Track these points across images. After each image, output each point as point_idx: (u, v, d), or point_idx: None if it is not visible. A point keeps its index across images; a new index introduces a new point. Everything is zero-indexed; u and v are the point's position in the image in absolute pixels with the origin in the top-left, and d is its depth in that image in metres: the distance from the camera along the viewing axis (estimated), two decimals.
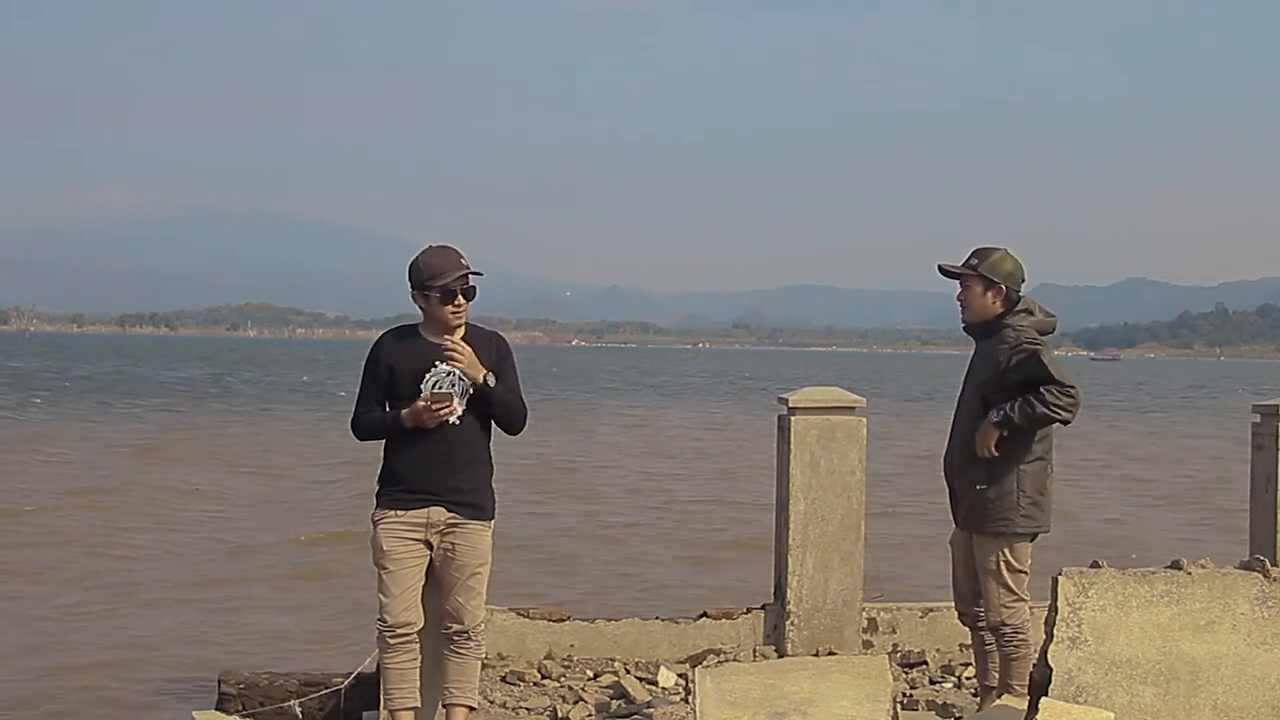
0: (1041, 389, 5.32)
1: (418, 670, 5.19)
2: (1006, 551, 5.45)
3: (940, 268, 5.68)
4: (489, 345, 5.23)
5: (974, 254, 5.62)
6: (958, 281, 5.64)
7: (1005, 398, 5.42)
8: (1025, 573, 5.50)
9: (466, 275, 5.09)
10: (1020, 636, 5.46)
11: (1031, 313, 5.55)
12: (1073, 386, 5.33)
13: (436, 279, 5.06)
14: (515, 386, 5.25)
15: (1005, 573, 5.45)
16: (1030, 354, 5.38)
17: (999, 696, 5.52)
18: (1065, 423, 5.39)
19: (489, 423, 5.23)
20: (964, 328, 5.70)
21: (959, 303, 5.65)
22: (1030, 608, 5.55)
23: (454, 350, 5.04)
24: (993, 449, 5.41)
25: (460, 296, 5.08)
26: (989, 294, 5.55)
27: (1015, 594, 5.46)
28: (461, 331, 5.19)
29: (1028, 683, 5.33)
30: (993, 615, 5.49)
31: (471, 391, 5.09)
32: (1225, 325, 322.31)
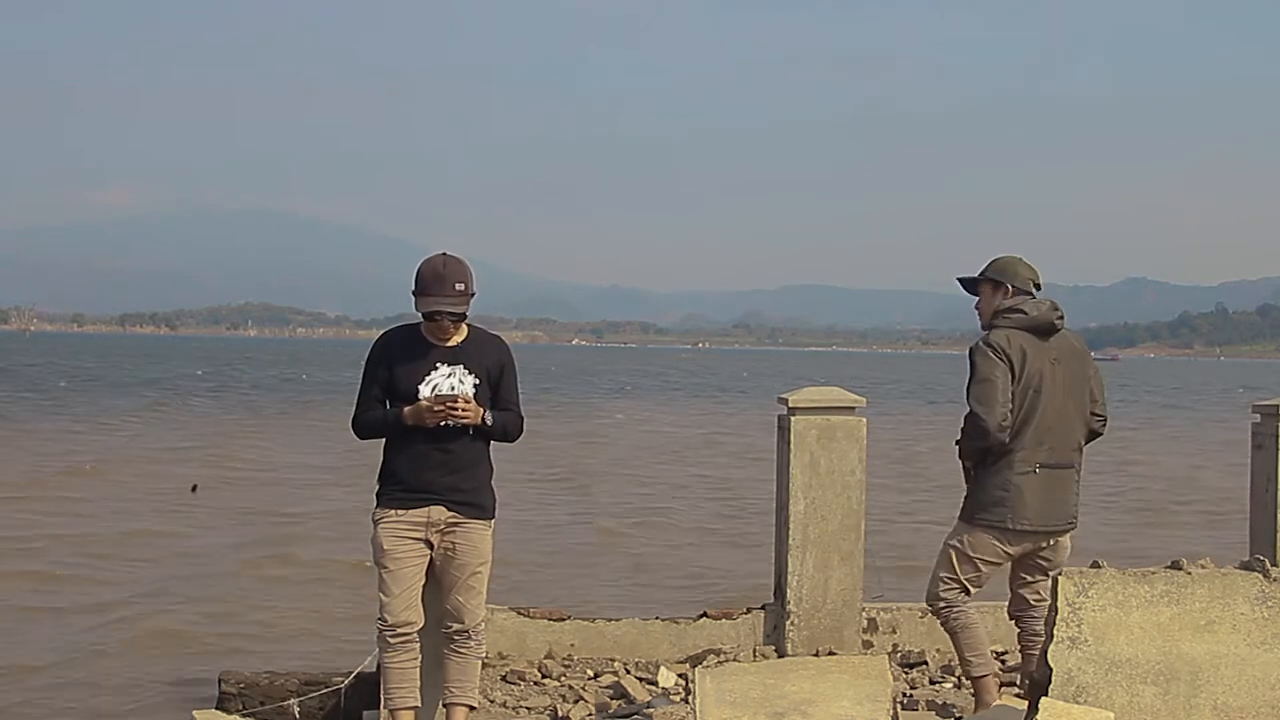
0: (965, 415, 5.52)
1: (418, 670, 5.20)
2: (966, 537, 5.57)
3: (959, 280, 5.83)
4: (491, 350, 5.24)
5: (988, 264, 5.76)
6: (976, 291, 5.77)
7: None
8: (977, 566, 5.57)
9: (445, 311, 5.03)
10: (954, 614, 5.57)
11: (1024, 312, 5.54)
12: (972, 412, 5.42)
13: (421, 298, 5.04)
14: (513, 397, 5.26)
15: (953, 553, 5.58)
16: (970, 364, 5.51)
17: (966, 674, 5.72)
18: (980, 449, 5.48)
19: None
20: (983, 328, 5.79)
21: (978, 311, 5.76)
22: (978, 608, 5.71)
23: (455, 414, 5.03)
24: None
25: (445, 319, 5.07)
26: (997, 294, 5.63)
27: (953, 575, 5.58)
28: (465, 333, 5.20)
29: (974, 661, 5.55)
30: (931, 585, 5.65)
31: (470, 424, 5.10)
32: (1225, 325, 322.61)
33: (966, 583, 5.58)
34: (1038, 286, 5.66)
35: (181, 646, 9.10)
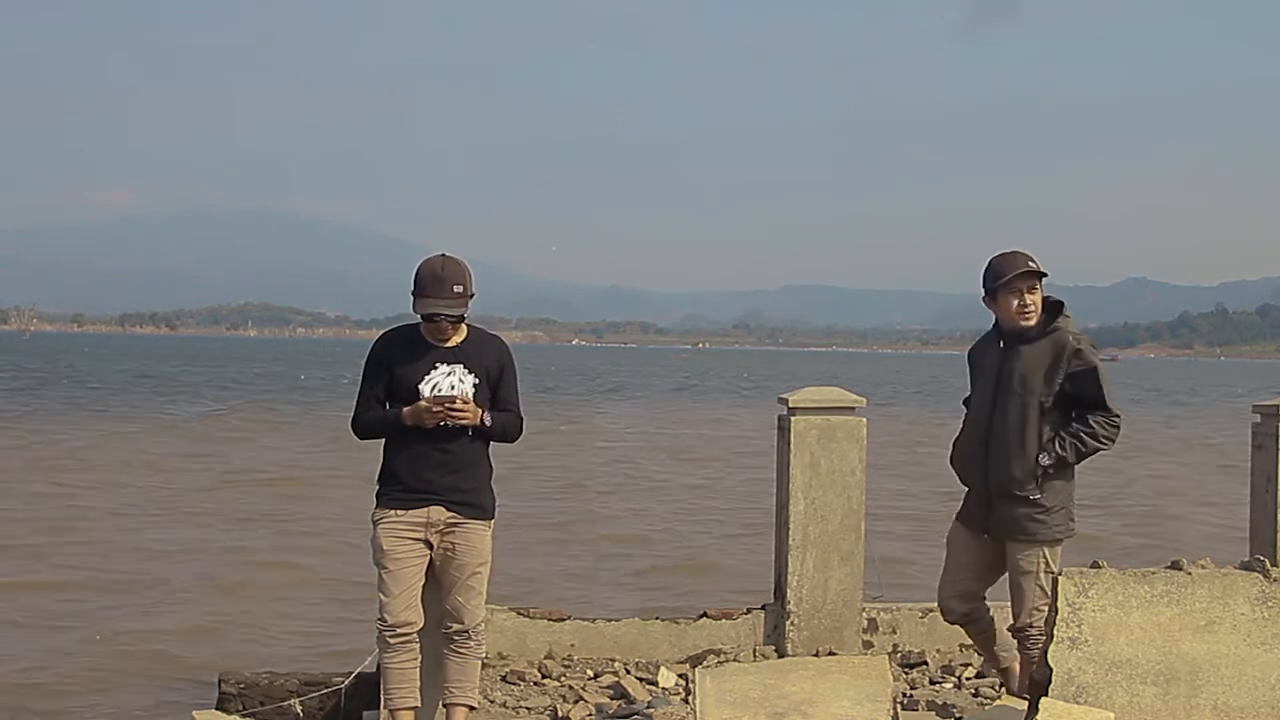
0: (1091, 419, 5.26)
1: (418, 670, 5.20)
2: (1047, 554, 5.35)
3: (1031, 269, 5.41)
4: (490, 350, 5.24)
5: (1028, 256, 5.45)
6: (1018, 286, 5.40)
7: (1060, 410, 5.31)
8: (1057, 574, 5.47)
9: (443, 313, 5.02)
10: (1043, 637, 5.39)
11: (1069, 316, 5.45)
12: (1119, 415, 5.28)
13: (420, 301, 5.04)
14: (513, 398, 5.26)
15: (1044, 576, 5.34)
16: (1090, 369, 5.28)
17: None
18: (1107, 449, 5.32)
19: None
20: (1012, 332, 5.47)
21: (1026, 307, 5.40)
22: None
23: (453, 414, 5.03)
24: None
25: (443, 321, 5.06)
26: (1043, 297, 5.47)
27: (1048, 597, 5.41)
28: (465, 333, 5.20)
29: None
30: (1023, 617, 5.39)
31: (469, 424, 5.09)
32: (1225, 325, 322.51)
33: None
34: None
35: (181, 646, 9.10)
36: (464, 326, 5.19)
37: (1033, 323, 5.41)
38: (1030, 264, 5.44)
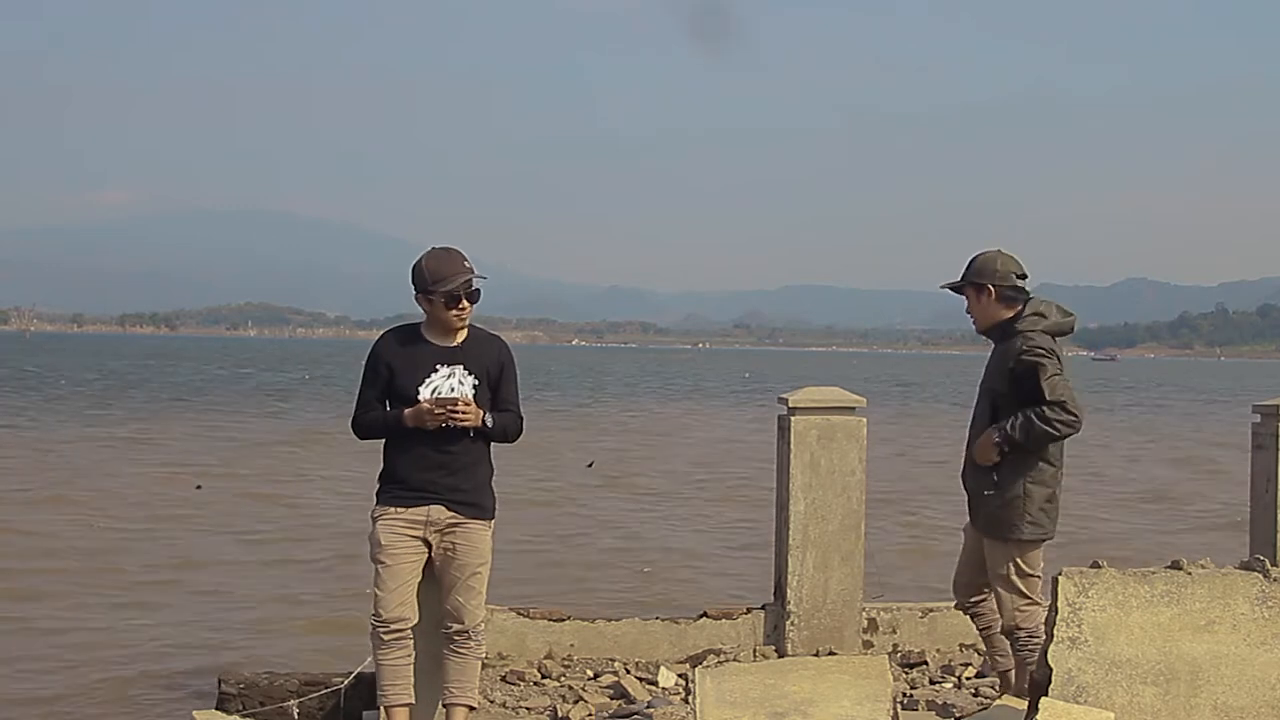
0: (1042, 407, 5.30)
1: (411, 666, 5.19)
2: (1017, 558, 5.43)
3: (945, 287, 5.73)
4: (491, 350, 5.24)
5: (967, 265, 5.63)
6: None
7: (1014, 407, 5.38)
8: (1037, 576, 5.48)
9: (470, 280, 5.09)
10: (1035, 640, 5.37)
11: (1045, 315, 5.47)
12: (1071, 409, 5.27)
13: (440, 283, 5.05)
14: (513, 397, 5.27)
15: (1016, 578, 5.43)
16: (1030, 367, 5.34)
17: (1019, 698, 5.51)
18: (1065, 437, 5.36)
19: None
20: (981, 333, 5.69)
21: (969, 315, 5.65)
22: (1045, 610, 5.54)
23: (455, 416, 5.04)
24: (993, 458, 5.41)
25: (465, 300, 5.09)
26: (983, 298, 5.53)
27: (1028, 598, 5.44)
28: (465, 334, 5.20)
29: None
30: (1006, 620, 5.47)
31: (470, 425, 5.10)
32: (1225, 325, 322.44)
33: (1039, 598, 5.44)
34: (1022, 277, 5.55)
35: (181, 646, 9.10)
36: (465, 326, 5.19)
37: (978, 329, 5.61)
38: (965, 274, 5.59)
